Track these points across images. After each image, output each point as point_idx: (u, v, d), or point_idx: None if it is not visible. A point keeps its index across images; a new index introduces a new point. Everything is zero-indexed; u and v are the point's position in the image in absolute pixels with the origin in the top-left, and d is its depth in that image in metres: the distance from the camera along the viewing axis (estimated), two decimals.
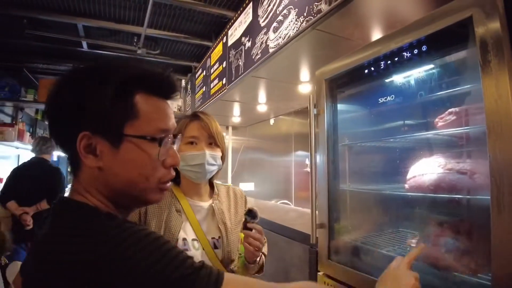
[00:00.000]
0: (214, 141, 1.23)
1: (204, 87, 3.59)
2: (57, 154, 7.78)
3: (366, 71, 1.41)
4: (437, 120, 1.26)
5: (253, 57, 2.29)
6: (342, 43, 1.87)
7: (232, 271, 1.24)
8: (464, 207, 1.12)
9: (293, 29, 1.82)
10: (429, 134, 1.28)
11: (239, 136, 4.85)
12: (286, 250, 2.00)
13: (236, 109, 3.69)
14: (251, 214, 1.18)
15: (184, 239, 1.16)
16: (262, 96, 3.05)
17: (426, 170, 1.22)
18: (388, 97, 1.42)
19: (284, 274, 2.03)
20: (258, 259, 1.23)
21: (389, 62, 1.31)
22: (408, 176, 1.29)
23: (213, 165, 1.22)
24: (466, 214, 1.13)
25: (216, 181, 1.40)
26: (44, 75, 5.44)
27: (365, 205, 1.61)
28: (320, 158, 1.53)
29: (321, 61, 1.68)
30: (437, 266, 1.12)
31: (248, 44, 2.41)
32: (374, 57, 1.32)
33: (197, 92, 3.91)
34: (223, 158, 1.29)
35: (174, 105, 5.35)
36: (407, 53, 1.24)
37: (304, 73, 2.41)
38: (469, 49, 1.07)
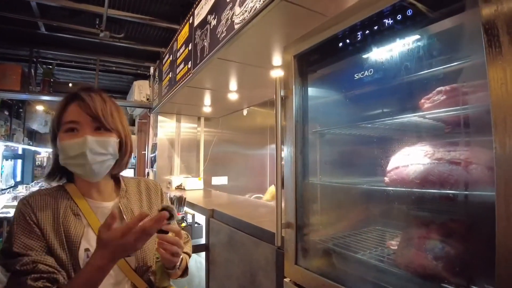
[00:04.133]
0: (101, 125, 0.96)
1: (170, 73, 3.31)
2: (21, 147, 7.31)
3: (340, 44, 1.19)
4: (423, 101, 1.06)
5: (218, 36, 2.05)
6: (315, 20, 1.65)
7: (149, 280, 1.04)
8: (458, 205, 0.93)
9: (260, 0, 1.59)
10: (414, 117, 1.07)
11: (212, 128, 4.59)
12: (253, 250, 1.78)
13: (207, 97, 3.43)
14: None
15: (87, 250, 0.92)
16: (232, 82, 2.81)
17: (411, 160, 1.02)
18: (366, 76, 1.22)
19: (250, 278, 1.82)
20: (178, 264, 1.03)
21: (367, 32, 1.10)
22: (389, 167, 1.09)
23: (101, 154, 0.96)
24: (460, 213, 0.94)
25: (124, 175, 1.17)
26: (2, 60, 5.00)
27: (338, 202, 1.41)
28: (287, 148, 1.32)
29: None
30: (423, 275, 0.93)
31: (214, 22, 2.16)
32: (349, 25, 1.11)
33: (164, 79, 3.62)
34: (126, 145, 1.05)
35: (143, 94, 5.04)
36: (388, 20, 1.04)
37: (276, 56, 2.18)
38: (466, 11, 0.87)
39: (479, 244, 0.87)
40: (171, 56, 3.33)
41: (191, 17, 2.72)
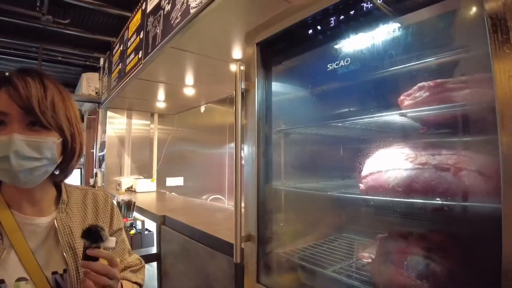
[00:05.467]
0: (37, 119, 0.73)
1: (120, 64, 3.02)
2: None
3: (310, 31, 1.05)
4: (402, 98, 0.94)
5: (172, 22, 1.83)
6: (281, 7, 1.49)
7: None
8: (447, 217, 0.82)
9: None
10: (392, 115, 0.95)
11: (166, 125, 4.31)
12: (208, 262, 1.60)
13: (160, 92, 3.16)
14: (90, 235, 0.74)
15: (1, 282, 0.70)
16: (188, 75, 2.58)
17: (390, 164, 0.89)
18: (338, 69, 1.08)
19: None
20: None
21: (341, 17, 0.97)
22: (364, 172, 0.95)
23: (33, 158, 0.73)
24: (449, 226, 0.83)
25: (69, 183, 0.94)
26: None
27: (305, 209, 1.26)
28: (248, 148, 1.15)
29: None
30: None
31: (168, 8, 1.94)
32: (321, 8, 0.96)
33: (114, 71, 3.30)
34: (73, 146, 0.81)
35: (92, 87, 4.64)
36: (367, 4, 0.91)
37: (236, 48, 2.00)
38: None
39: (471, 261, 0.76)
40: (122, 45, 3.03)
41: (144, 3, 2.47)
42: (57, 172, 0.82)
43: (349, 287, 0.94)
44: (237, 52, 2.08)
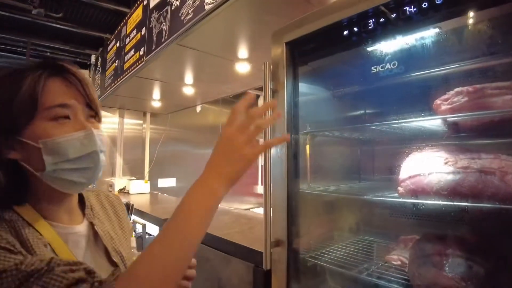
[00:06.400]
0: (97, 113, 0.71)
1: (116, 61, 2.93)
2: None
3: (345, 32, 1.04)
4: (438, 102, 0.95)
5: (182, 18, 1.79)
6: (299, 7, 1.49)
7: None
8: (493, 220, 0.82)
9: None
10: (429, 120, 0.95)
11: (159, 125, 4.22)
12: (221, 268, 1.56)
13: (157, 91, 3.09)
14: None
15: None
16: (189, 74, 2.53)
17: (431, 168, 0.89)
18: (368, 72, 1.07)
19: None
20: None
21: (381, 20, 0.96)
22: (402, 176, 0.95)
23: (104, 153, 0.72)
24: (494, 230, 0.83)
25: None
26: None
27: (332, 213, 1.25)
28: (277, 150, 1.12)
29: (268, 32, 1.27)
30: None
31: (177, 3, 1.89)
32: (360, 11, 0.95)
33: (108, 68, 3.21)
34: None
35: None
36: (410, 7, 0.90)
37: (244, 47, 1.98)
38: None
39: None
40: (119, 42, 2.95)
41: None
42: None
43: None
44: (242, 51, 2.05)
